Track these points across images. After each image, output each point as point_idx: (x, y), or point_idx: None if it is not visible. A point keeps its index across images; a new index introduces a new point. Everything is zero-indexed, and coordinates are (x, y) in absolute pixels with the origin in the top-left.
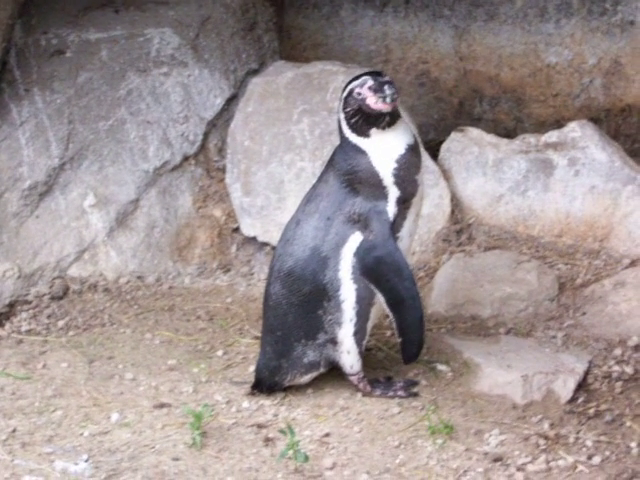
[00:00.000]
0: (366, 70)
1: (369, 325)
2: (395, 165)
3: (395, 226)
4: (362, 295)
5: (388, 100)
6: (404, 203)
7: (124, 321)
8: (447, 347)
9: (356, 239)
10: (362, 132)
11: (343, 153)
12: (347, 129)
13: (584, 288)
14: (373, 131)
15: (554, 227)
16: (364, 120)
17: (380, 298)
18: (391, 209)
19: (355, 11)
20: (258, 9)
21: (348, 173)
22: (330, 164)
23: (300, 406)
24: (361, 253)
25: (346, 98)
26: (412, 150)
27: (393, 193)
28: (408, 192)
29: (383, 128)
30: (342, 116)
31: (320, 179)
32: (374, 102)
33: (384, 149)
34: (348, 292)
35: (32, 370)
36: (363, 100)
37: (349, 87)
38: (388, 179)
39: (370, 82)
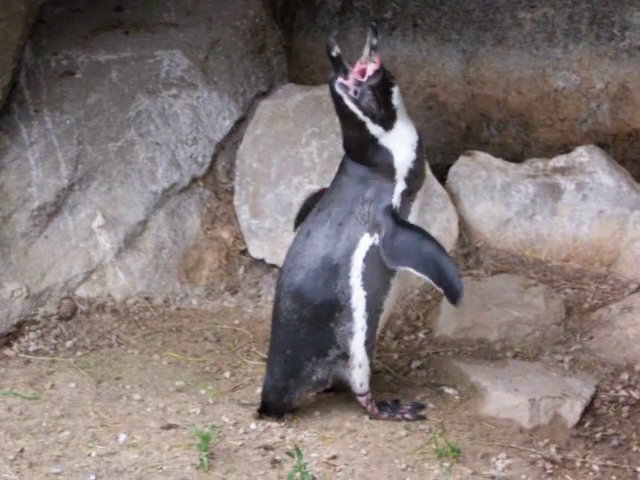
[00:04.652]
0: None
1: (377, 334)
2: (414, 156)
3: None
4: (371, 302)
5: (370, 43)
6: (409, 195)
7: (132, 342)
8: (454, 370)
9: (365, 242)
10: (390, 111)
11: (361, 158)
12: (376, 126)
13: (591, 312)
14: (395, 97)
15: (561, 251)
16: (385, 91)
17: (424, 279)
18: (395, 201)
19: (363, 34)
20: (267, 32)
21: (365, 174)
22: (343, 172)
23: (307, 428)
24: (385, 251)
25: (359, 102)
26: (421, 141)
27: (400, 186)
28: (414, 185)
29: (397, 84)
30: (367, 118)
31: (333, 185)
32: (371, 66)
33: (404, 141)
34: (358, 300)
35: (40, 390)
36: (361, 78)
37: (345, 98)
38: (402, 171)
39: (334, 73)
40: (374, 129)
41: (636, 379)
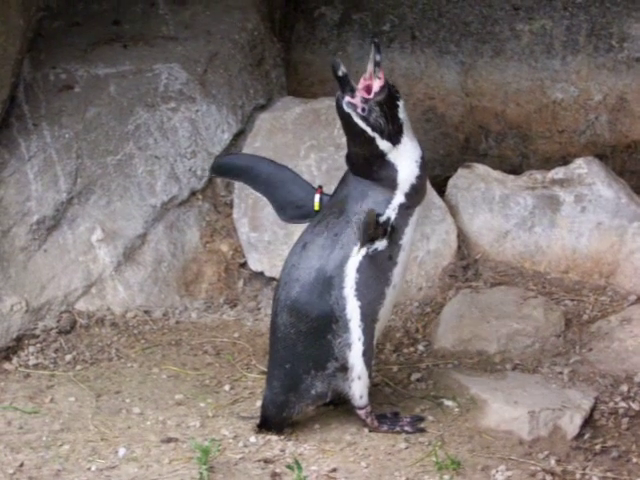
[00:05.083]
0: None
1: (375, 344)
2: (417, 172)
3: (397, 234)
4: (366, 312)
5: (374, 60)
6: (407, 209)
7: (131, 355)
8: (454, 383)
9: (357, 252)
10: (397, 125)
11: (366, 173)
12: (384, 141)
13: (590, 324)
14: (401, 110)
15: (560, 263)
16: (392, 106)
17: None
18: (389, 212)
19: (362, 47)
20: (266, 45)
21: (367, 187)
22: (344, 185)
23: (307, 441)
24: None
25: (368, 119)
26: (424, 157)
27: (398, 199)
28: (414, 200)
29: (402, 98)
30: (376, 134)
31: (333, 198)
32: (376, 82)
33: (408, 156)
34: (353, 310)
35: (39, 404)
36: (368, 94)
37: (354, 116)
38: (404, 186)
39: (340, 92)
40: (383, 144)
41: (635, 391)
